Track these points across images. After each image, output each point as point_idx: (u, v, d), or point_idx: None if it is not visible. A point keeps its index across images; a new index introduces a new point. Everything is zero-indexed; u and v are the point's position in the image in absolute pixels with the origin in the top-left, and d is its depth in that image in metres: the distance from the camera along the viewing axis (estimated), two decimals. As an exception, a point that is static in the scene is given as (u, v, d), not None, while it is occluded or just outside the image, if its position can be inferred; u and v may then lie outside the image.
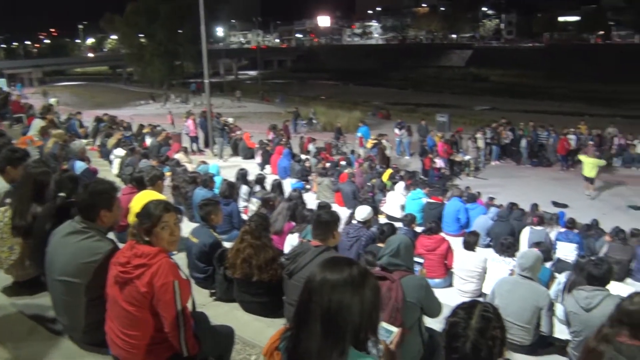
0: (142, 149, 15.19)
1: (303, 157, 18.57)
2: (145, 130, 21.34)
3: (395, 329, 3.11)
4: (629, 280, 8.85)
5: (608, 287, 5.20)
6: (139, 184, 7.39)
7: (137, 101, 46.68)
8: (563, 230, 10.88)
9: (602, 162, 19.04)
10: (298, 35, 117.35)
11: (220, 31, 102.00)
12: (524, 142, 23.76)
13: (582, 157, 19.38)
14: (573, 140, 23.05)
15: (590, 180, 18.84)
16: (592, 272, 5.14)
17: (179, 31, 52.14)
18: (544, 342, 5.70)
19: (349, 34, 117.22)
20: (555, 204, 17.59)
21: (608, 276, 5.19)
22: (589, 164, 18.56)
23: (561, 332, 5.73)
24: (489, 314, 2.34)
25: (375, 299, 2.20)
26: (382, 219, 11.51)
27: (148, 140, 19.17)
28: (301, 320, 2.18)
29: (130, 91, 54.75)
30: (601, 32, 79.76)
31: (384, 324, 3.13)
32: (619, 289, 5.37)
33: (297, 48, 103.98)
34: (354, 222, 8.05)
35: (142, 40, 55.20)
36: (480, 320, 2.29)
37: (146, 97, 48.38)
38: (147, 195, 6.53)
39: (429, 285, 4.50)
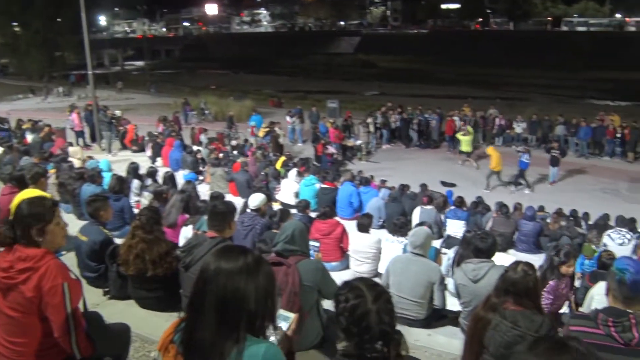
0: (22, 146, 14.37)
1: (195, 148, 18.27)
2: (25, 126, 20.18)
3: (292, 315, 3.13)
4: (511, 250, 9.42)
5: (493, 258, 5.51)
6: (20, 183, 6.97)
7: (14, 95, 43.84)
8: (452, 208, 11.40)
9: (470, 137, 21.42)
10: (185, 23, 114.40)
11: (102, 20, 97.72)
12: (413, 126, 24.64)
13: (457, 135, 21.80)
14: (458, 122, 24.16)
15: (466, 154, 21.51)
16: (479, 246, 5.39)
17: (58, 20, 49.33)
18: (438, 315, 5.93)
19: (237, 22, 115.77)
20: (444, 183, 18.37)
21: (493, 249, 5.47)
22: (464, 141, 21.26)
23: (453, 304, 5.97)
24: (372, 282, 2.44)
25: (270, 285, 2.20)
26: (277, 207, 11.55)
27: (29, 137, 18.13)
28: (195, 310, 2.14)
29: (6, 84, 51.33)
30: (480, 19, 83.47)
31: (282, 311, 3.15)
32: (503, 259, 5.67)
33: (185, 37, 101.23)
34: (248, 210, 8.02)
35: (17, 29, 51.76)
36: (371, 290, 2.36)
37: (25, 90, 45.52)
38: (29, 194, 6.17)
39: (324, 268, 4.57)
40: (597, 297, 5.06)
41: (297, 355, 3.90)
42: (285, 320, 3.05)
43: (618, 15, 70.71)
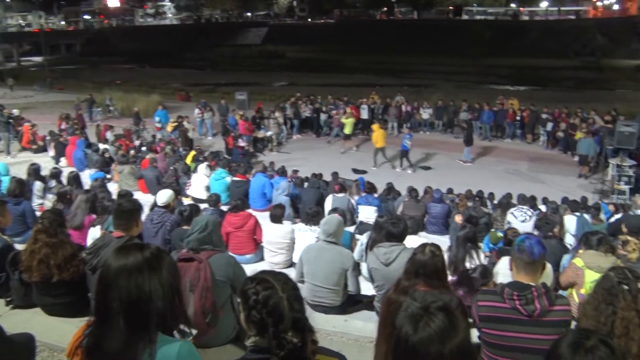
0: None
1: (101, 146, 17.61)
2: None
3: None
4: (422, 233, 9.65)
5: (404, 241, 5.62)
6: None
7: None
8: (363, 194, 11.55)
9: (352, 120, 22.11)
10: (86, 17, 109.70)
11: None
12: (323, 115, 24.80)
13: (342, 119, 22.29)
14: (365, 110, 24.54)
15: (347, 137, 22.18)
16: (391, 231, 5.49)
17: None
18: (353, 301, 6.01)
19: (141, 15, 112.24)
20: (355, 170, 18.64)
21: (405, 233, 5.60)
22: (348, 124, 21.89)
23: (368, 289, 6.05)
24: (275, 272, 2.42)
25: (175, 279, 2.13)
26: (189, 202, 11.32)
27: None
28: (101, 314, 2.05)
29: None
30: (385, 9, 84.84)
31: None
32: (414, 242, 5.79)
33: (86, 31, 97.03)
34: (156, 208, 7.81)
35: None
36: (276, 279, 2.34)
37: None
38: None
39: (237, 263, 4.53)
40: (502, 271, 5.27)
41: (213, 351, 3.86)
42: None
43: (513, 5, 73.92)
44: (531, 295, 3.19)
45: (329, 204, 10.73)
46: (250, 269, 4.54)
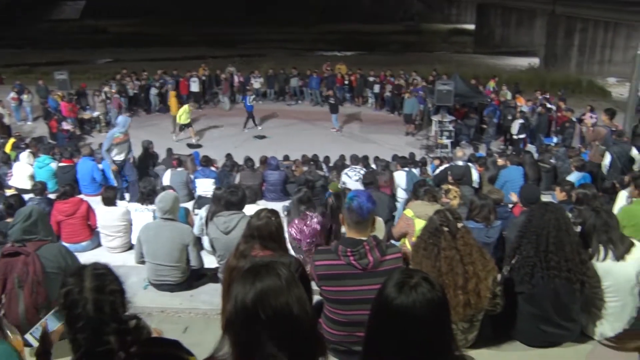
0: None
1: None
2: None
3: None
4: (261, 201, 9.75)
5: (244, 210, 5.68)
6: None
7: None
8: (199, 168, 11.45)
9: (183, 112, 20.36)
10: None
11: None
12: (153, 91, 23.93)
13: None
14: (196, 83, 24.11)
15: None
16: (230, 199, 5.55)
17: None
18: (197, 275, 5.98)
19: None
20: (190, 145, 18.36)
21: (243, 200, 5.66)
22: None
23: (211, 262, 6.06)
24: (101, 271, 2.34)
25: None
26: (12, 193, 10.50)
27: None
28: None
29: None
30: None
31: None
32: (252, 210, 5.85)
33: None
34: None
35: None
36: (93, 279, 2.26)
37: None
38: None
39: (69, 251, 4.33)
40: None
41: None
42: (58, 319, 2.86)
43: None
44: (363, 250, 3.35)
45: (167, 179, 10.51)
46: (86, 257, 4.37)
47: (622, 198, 7.42)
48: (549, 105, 19.65)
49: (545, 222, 3.81)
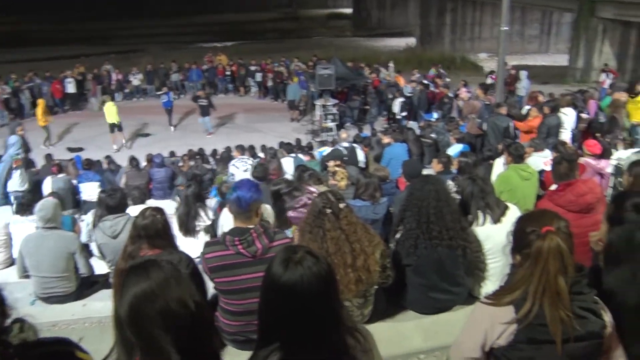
0: None
1: None
2: None
3: None
4: (149, 200, 9.49)
5: (130, 211, 5.52)
6: None
7: None
8: (82, 172, 11.01)
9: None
10: None
11: None
12: (25, 94, 22.45)
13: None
14: (71, 83, 22.97)
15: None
16: (109, 203, 5.39)
17: None
18: (89, 283, 5.76)
19: None
20: (70, 149, 17.59)
21: (124, 202, 5.51)
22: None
23: (102, 268, 5.84)
24: None
25: None
26: None
27: None
28: None
29: None
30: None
31: None
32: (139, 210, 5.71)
33: None
34: None
35: None
36: None
37: None
38: None
39: None
40: (224, 222, 5.45)
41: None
42: None
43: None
44: (251, 238, 3.37)
45: (47, 187, 10.01)
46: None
47: (498, 165, 7.89)
48: (425, 82, 20.48)
49: (425, 195, 4.00)
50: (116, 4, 58.70)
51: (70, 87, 23.02)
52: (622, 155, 7.60)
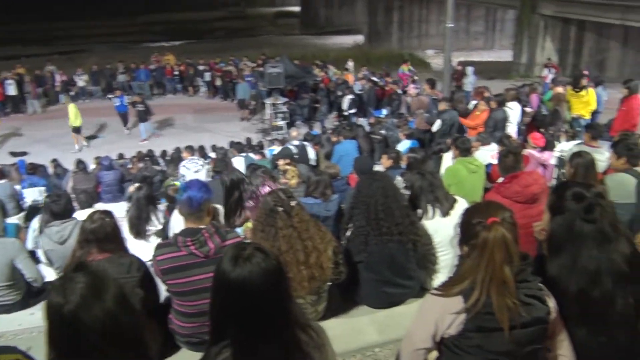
0: None
1: None
2: None
3: None
4: (98, 204, 9.29)
5: (78, 216, 5.40)
6: None
7: None
8: (26, 177, 10.72)
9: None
10: None
11: None
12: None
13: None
14: (12, 85, 22.30)
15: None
16: (53, 209, 5.26)
17: None
18: (36, 291, 5.60)
19: None
20: (13, 154, 17.12)
21: (70, 207, 5.39)
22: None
23: (51, 275, 5.69)
24: None
25: None
26: None
27: None
28: None
29: None
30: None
31: None
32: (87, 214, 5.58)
33: None
34: None
35: None
36: None
37: None
38: None
39: None
40: (175, 224, 5.39)
41: None
42: None
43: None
44: (203, 238, 3.35)
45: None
46: None
47: (447, 159, 8.03)
48: (374, 79, 20.66)
49: (373, 191, 4.04)
50: (58, 4, 57.06)
51: (11, 89, 22.34)
52: (565, 147, 7.87)
